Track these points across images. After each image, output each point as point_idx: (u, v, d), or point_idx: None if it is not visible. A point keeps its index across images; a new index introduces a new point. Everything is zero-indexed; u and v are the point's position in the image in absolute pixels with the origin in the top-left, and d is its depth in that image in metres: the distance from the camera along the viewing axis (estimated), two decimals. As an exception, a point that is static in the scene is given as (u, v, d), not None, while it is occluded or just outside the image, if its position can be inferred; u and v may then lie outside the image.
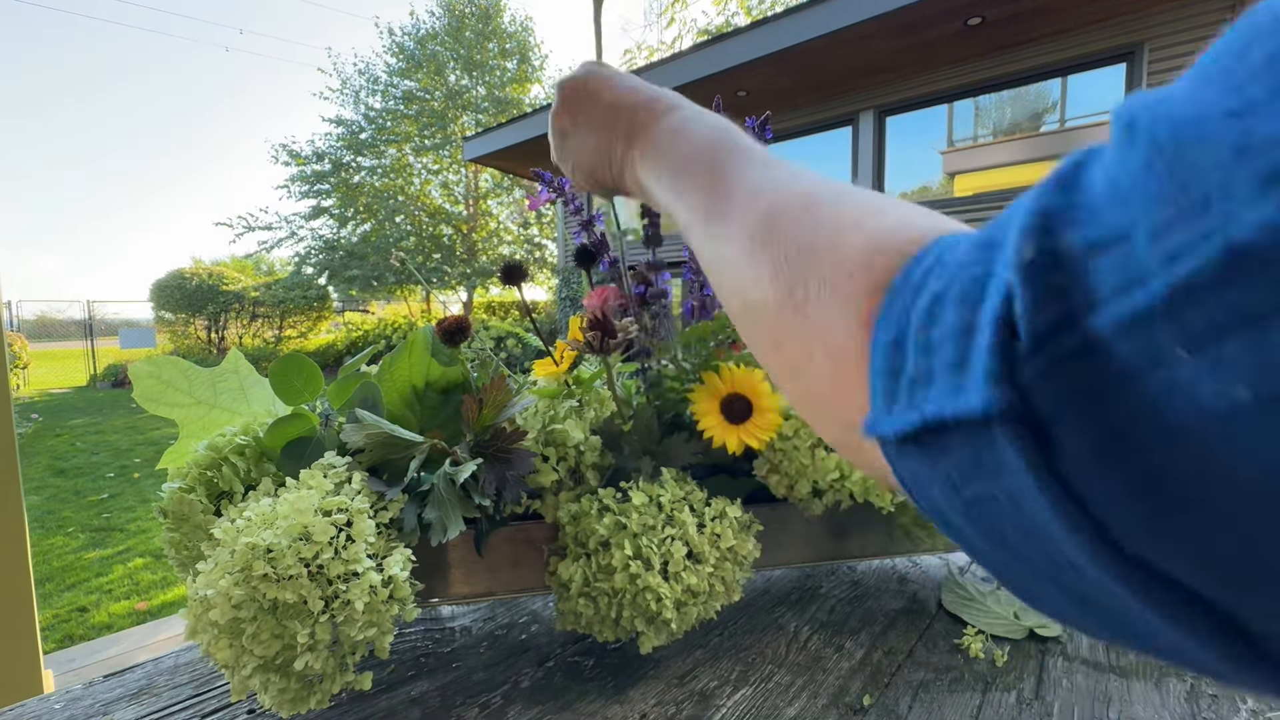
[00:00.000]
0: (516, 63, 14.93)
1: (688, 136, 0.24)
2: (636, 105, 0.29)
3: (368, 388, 0.53)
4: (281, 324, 12.10)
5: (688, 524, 0.50)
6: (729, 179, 0.21)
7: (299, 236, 13.87)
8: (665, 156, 0.25)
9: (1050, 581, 0.12)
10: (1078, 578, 0.11)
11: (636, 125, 0.28)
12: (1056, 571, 0.12)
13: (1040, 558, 0.12)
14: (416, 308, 13.99)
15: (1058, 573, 0.12)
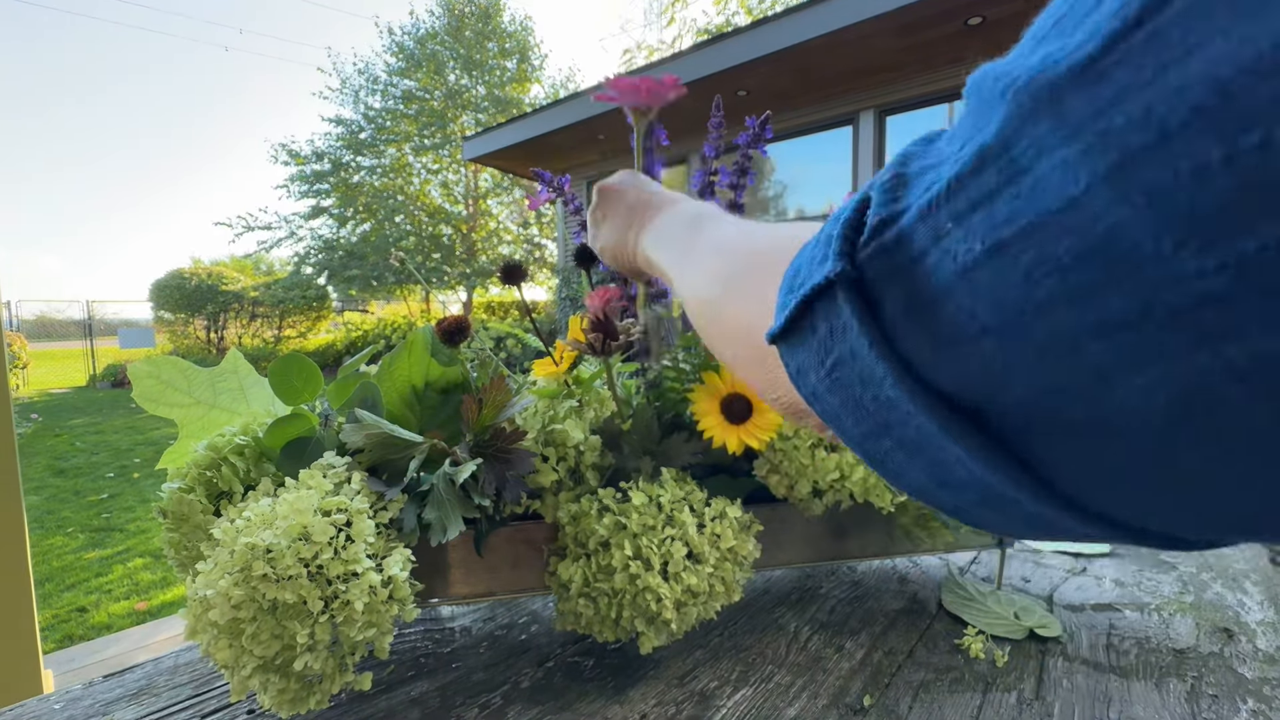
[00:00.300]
0: (516, 62, 14.92)
1: (677, 218, 0.32)
2: (648, 204, 0.36)
3: (367, 388, 0.53)
4: (281, 324, 12.10)
5: (688, 524, 0.50)
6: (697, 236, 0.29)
7: (298, 236, 13.86)
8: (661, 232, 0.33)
9: (887, 435, 0.15)
10: (902, 422, 0.14)
11: (646, 217, 0.36)
12: (889, 421, 0.15)
13: (876, 408, 0.15)
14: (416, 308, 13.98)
15: (889, 422, 0.15)
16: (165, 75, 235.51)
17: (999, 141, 0.11)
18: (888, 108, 5.33)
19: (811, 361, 0.16)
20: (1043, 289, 0.11)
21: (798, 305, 0.16)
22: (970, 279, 0.12)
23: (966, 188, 0.12)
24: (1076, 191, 0.10)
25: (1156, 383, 0.10)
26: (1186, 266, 0.09)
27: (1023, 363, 0.12)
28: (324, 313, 12.74)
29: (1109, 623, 0.64)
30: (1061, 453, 0.12)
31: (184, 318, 11.53)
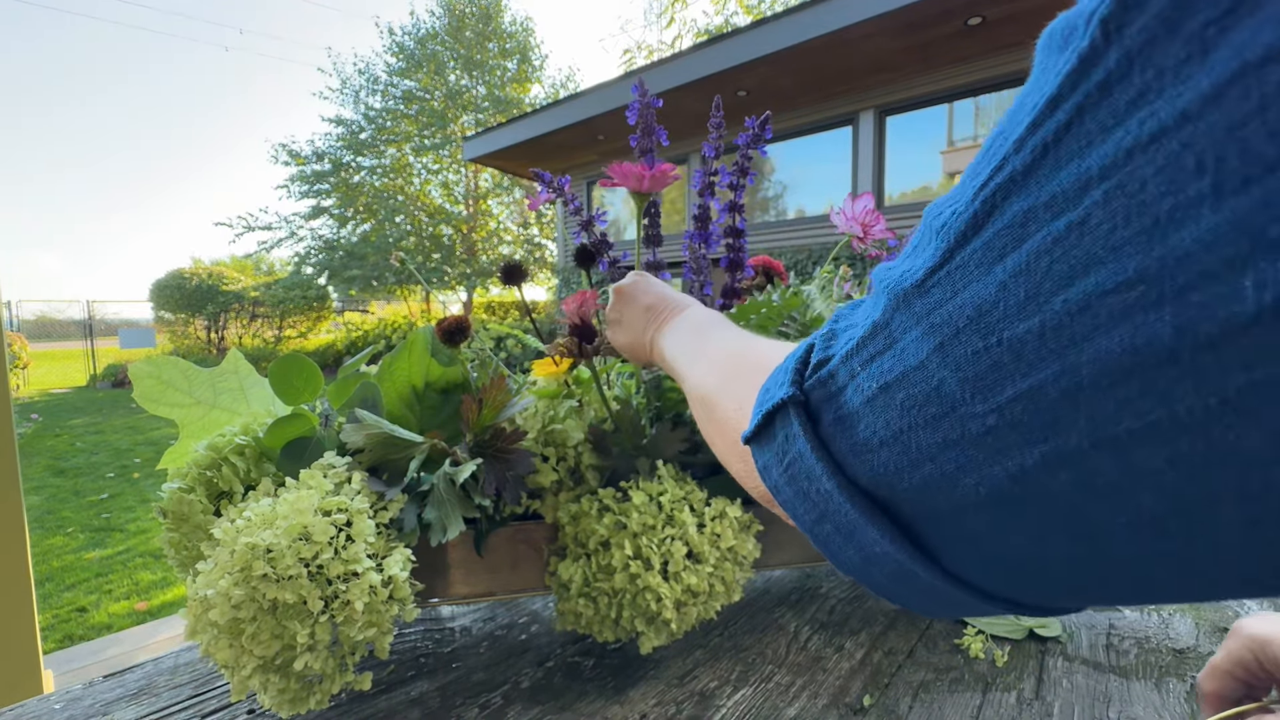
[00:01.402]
0: (517, 63, 14.93)
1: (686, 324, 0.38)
2: (662, 309, 0.41)
3: (367, 388, 0.53)
4: (281, 324, 12.10)
5: (688, 524, 0.50)
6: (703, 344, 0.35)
7: (299, 236, 13.86)
8: (673, 337, 0.38)
9: (828, 520, 0.19)
10: (837, 510, 0.18)
11: (661, 320, 0.41)
12: (827, 509, 0.19)
13: (818, 498, 0.19)
14: (416, 308, 13.98)
15: (828, 510, 0.19)
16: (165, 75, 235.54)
17: (882, 320, 0.17)
18: (888, 108, 5.33)
19: (774, 460, 0.21)
20: (908, 417, 0.16)
21: (762, 417, 0.21)
22: (871, 406, 0.17)
23: (866, 346, 0.17)
24: (923, 357, 0.15)
25: (977, 483, 0.14)
26: (977, 409, 0.14)
27: (904, 466, 0.16)
28: (324, 313, 12.74)
29: (1109, 622, 0.64)
30: (940, 534, 0.17)
31: (184, 318, 11.53)
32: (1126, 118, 0.11)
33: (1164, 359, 0.10)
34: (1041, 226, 0.12)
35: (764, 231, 6.20)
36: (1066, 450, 0.12)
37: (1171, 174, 0.10)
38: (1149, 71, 0.11)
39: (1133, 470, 0.11)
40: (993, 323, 0.13)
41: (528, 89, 15.26)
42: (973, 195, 0.14)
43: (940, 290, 0.15)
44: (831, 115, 5.63)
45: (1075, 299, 0.12)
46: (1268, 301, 0.09)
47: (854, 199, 0.71)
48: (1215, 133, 0.10)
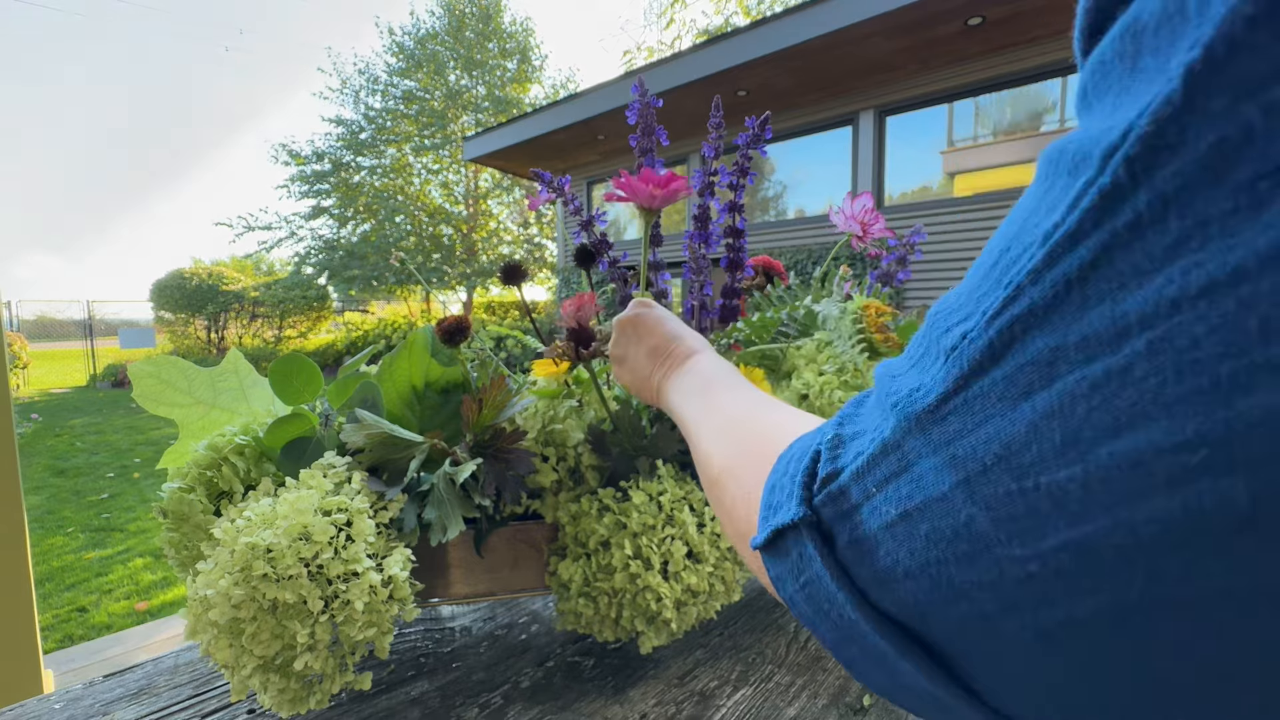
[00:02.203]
0: (517, 63, 14.92)
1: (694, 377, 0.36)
2: (668, 353, 0.40)
3: (367, 388, 0.53)
4: (281, 324, 12.10)
5: (688, 524, 0.50)
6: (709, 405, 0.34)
7: (299, 236, 13.85)
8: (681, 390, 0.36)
9: (854, 644, 0.18)
10: (863, 637, 0.17)
11: (669, 366, 0.39)
12: (852, 635, 0.17)
13: (841, 623, 0.18)
14: (416, 308, 13.98)
15: (853, 635, 0.17)
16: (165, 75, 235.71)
17: (893, 440, 0.16)
18: (888, 108, 5.33)
19: (788, 575, 0.20)
20: (936, 550, 0.14)
21: (771, 533, 0.20)
22: (891, 534, 0.16)
23: (878, 466, 0.16)
24: (945, 489, 0.14)
25: (1021, 628, 0.13)
26: (1016, 553, 0.13)
27: (936, 602, 0.15)
28: (324, 313, 12.74)
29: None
30: (983, 672, 0.15)
31: (184, 318, 11.53)
32: (1166, 264, 0.10)
33: (1240, 527, 0.10)
34: (1074, 369, 0.12)
35: (764, 231, 6.20)
36: (1125, 606, 0.11)
37: (1229, 335, 0.09)
38: (1190, 219, 0.10)
39: (1206, 631, 0.11)
40: (1026, 465, 0.12)
41: (527, 89, 15.25)
42: (986, 321, 0.13)
43: (959, 420, 0.14)
44: (831, 115, 5.63)
45: (1124, 453, 0.11)
46: None
47: (853, 198, 0.71)
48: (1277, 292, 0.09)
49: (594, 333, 0.49)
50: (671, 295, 0.69)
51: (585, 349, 0.48)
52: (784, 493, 0.20)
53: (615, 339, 0.45)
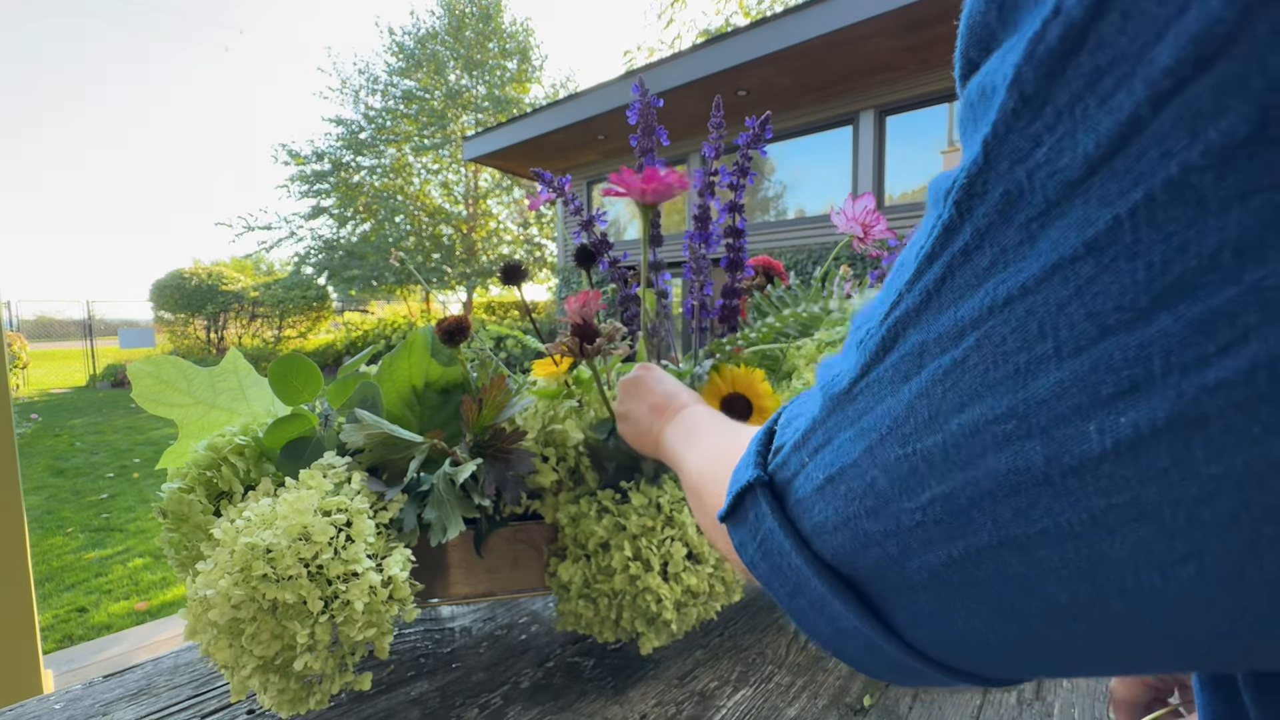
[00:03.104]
0: (517, 63, 14.92)
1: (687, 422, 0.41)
2: (665, 408, 0.44)
3: (367, 388, 0.53)
4: (281, 324, 12.09)
5: (687, 525, 0.50)
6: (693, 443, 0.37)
7: (298, 236, 13.85)
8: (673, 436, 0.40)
9: (801, 595, 0.20)
10: (807, 584, 0.19)
11: (664, 419, 0.43)
12: (799, 583, 0.20)
13: (790, 573, 0.20)
14: (416, 308, 13.97)
15: (800, 584, 0.20)
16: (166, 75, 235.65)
17: (820, 417, 0.19)
18: (888, 108, 5.33)
19: (748, 537, 0.22)
20: (853, 506, 0.17)
21: (733, 498, 0.22)
22: (820, 495, 0.18)
23: (810, 439, 0.19)
24: (856, 456, 0.17)
25: (919, 567, 0.16)
26: (906, 505, 0.16)
27: (857, 549, 0.18)
28: (324, 313, 12.74)
29: (1109, 623, 0.64)
30: (899, 611, 0.18)
31: (184, 318, 11.52)
32: (985, 280, 0.13)
33: (1040, 480, 0.13)
34: (933, 359, 0.15)
35: (764, 231, 6.20)
36: (981, 546, 0.14)
37: (1022, 334, 0.13)
38: (995, 248, 0.13)
39: (1036, 566, 0.13)
40: (907, 434, 0.15)
41: (527, 89, 15.24)
42: (880, 320, 0.16)
43: (864, 399, 0.17)
44: (831, 115, 5.63)
45: (967, 424, 0.14)
46: (1109, 445, 0.11)
47: (854, 199, 0.71)
48: (1049, 306, 0.12)
49: (598, 330, 0.49)
50: (671, 295, 0.69)
51: (589, 345, 0.48)
52: (744, 466, 0.23)
53: (619, 397, 0.49)
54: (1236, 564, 0.11)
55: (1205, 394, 0.10)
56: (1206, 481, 0.10)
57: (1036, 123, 0.12)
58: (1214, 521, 0.11)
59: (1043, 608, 0.14)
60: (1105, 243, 0.11)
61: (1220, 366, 0.10)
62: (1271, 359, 0.09)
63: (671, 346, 0.68)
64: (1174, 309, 0.10)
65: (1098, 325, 0.11)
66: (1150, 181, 0.10)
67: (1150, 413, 0.11)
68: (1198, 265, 0.10)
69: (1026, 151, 0.12)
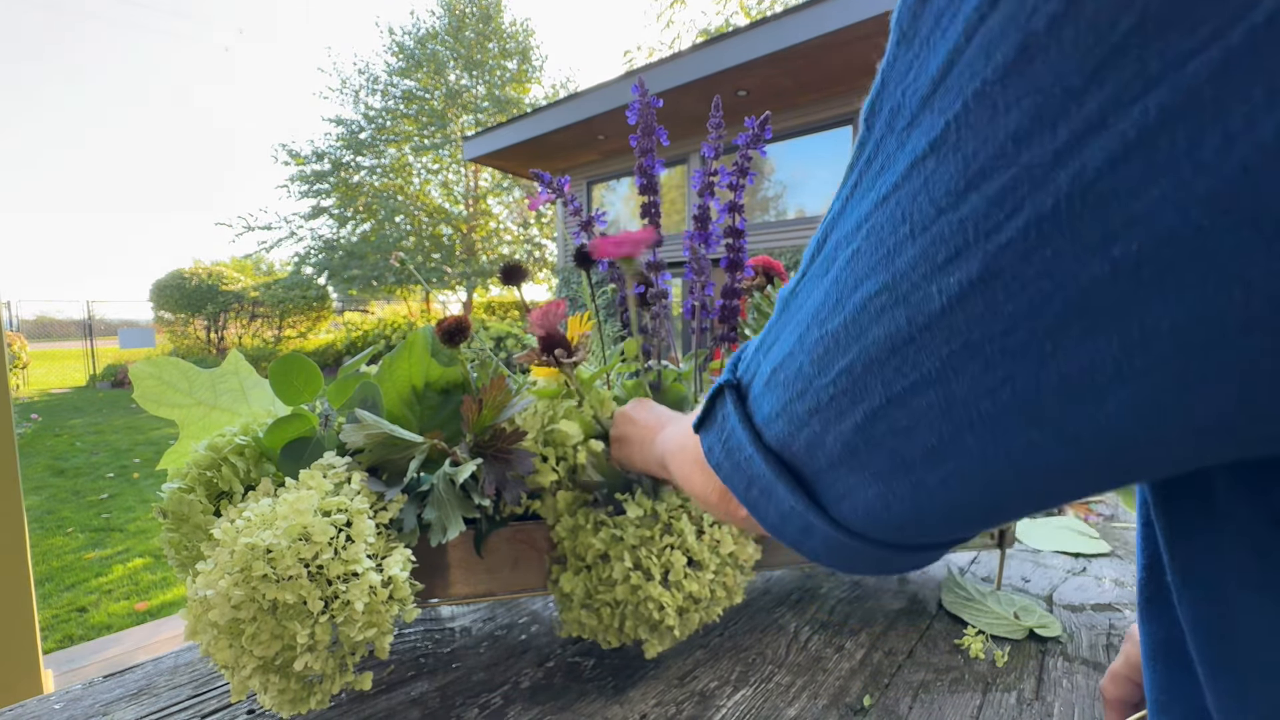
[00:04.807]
0: (517, 63, 14.92)
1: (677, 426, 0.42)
2: (659, 425, 0.46)
3: (367, 388, 0.53)
4: (281, 324, 12.09)
5: (686, 532, 0.50)
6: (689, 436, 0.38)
7: (298, 236, 13.84)
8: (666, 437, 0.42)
9: (755, 485, 0.23)
10: (759, 473, 0.22)
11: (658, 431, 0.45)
12: (752, 474, 0.23)
13: (745, 465, 0.23)
14: (416, 308, 13.97)
15: (753, 475, 0.23)
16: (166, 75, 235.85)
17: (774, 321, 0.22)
18: (888, 108, 5.33)
19: (716, 440, 0.25)
20: (788, 392, 0.20)
21: (705, 405, 0.26)
22: (767, 386, 0.22)
23: (765, 340, 0.22)
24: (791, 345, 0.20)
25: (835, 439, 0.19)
26: (822, 382, 0.19)
27: (792, 432, 0.20)
28: (324, 313, 12.73)
29: (1109, 623, 0.64)
30: (826, 489, 0.21)
31: (184, 318, 11.51)
32: (876, 182, 0.16)
33: (906, 340, 0.15)
34: (842, 251, 0.18)
35: (764, 231, 6.20)
36: (875, 407, 0.17)
37: (892, 221, 0.15)
38: (884, 155, 0.16)
39: (913, 414, 0.16)
40: (823, 318, 0.18)
41: (527, 89, 15.24)
42: (820, 229, 0.20)
43: (801, 295, 0.20)
44: (831, 115, 5.63)
45: (859, 301, 0.17)
46: (945, 301, 0.14)
47: (854, 199, 0.71)
48: (908, 197, 0.15)
49: (565, 339, 0.49)
50: (671, 295, 0.69)
51: (552, 354, 0.49)
52: (718, 381, 0.26)
53: (617, 422, 0.53)
54: (1033, 378, 0.13)
55: (1000, 250, 0.13)
56: (1007, 317, 0.13)
57: (909, 52, 0.16)
58: (1015, 347, 0.13)
59: (921, 453, 0.17)
60: (940, 142, 0.14)
61: (1008, 228, 0.13)
62: (1039, 218, 0.12)
63: (671, 347, 0.68)
64: (980, 189, 0.13)
65: (935, 208, 0.14)
66: (965, 93, 0.13)
67: (968, 271, 0.14)
68: (993, 153, 0.13)
69: (903, 74, 0.16)
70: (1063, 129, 0.12)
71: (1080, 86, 0.11)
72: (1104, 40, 0.11)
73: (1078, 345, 0.13)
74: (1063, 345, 0.13)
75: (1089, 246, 0.12)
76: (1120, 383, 0.12)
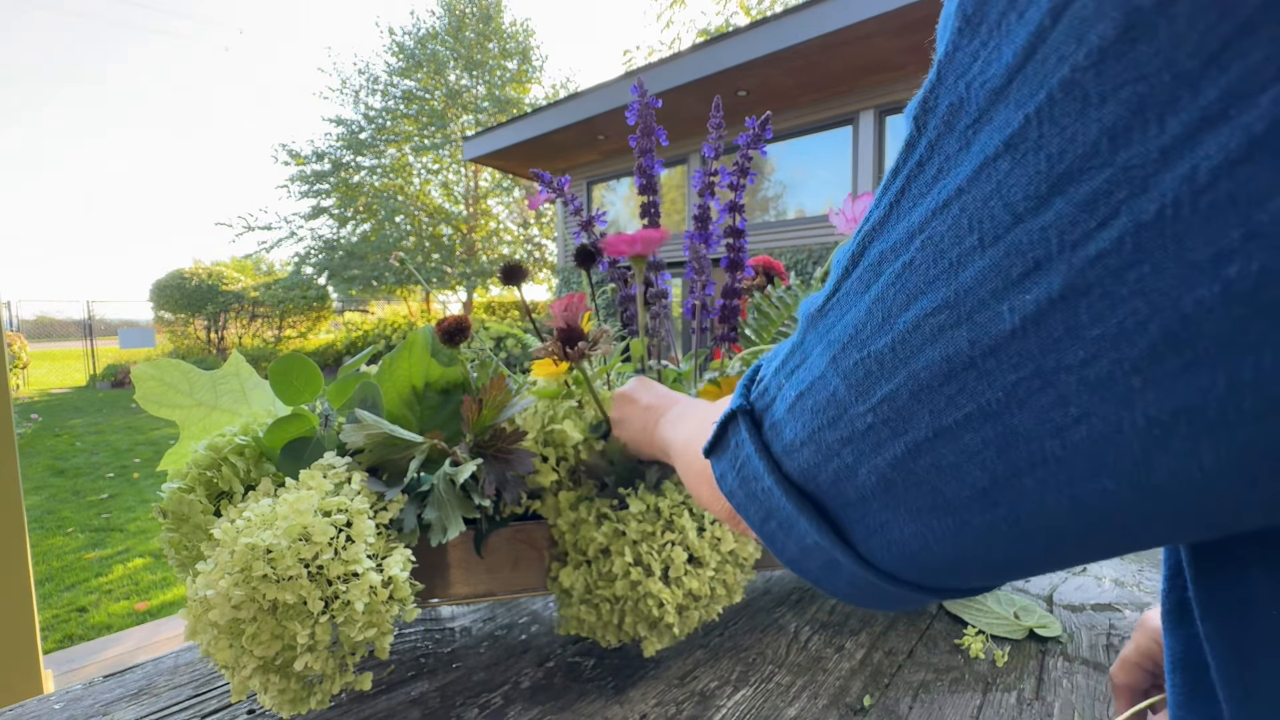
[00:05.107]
0: (517, 63, 14.92)
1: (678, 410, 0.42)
2: (659, 408, 0.45)
3: (367, 388, 0.53)
4: (281, 324, 12.09)
5: (687, 529, 0.50)
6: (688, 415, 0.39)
7: (299, 236, 13.84)
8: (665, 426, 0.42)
9: (772, 518, 0.21)
10: (777, 506, 0.21)
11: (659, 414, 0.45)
12: (770, 506, 0.21)
13: (763, 496, 0.21)
14: (416, 308, 13.97)
15: (771, 507, 0.21)
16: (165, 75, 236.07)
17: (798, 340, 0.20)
18: (888, 108, 5.33)
19: (729, 467, 0.23)
20: (817, 419, 0.19)
21: (717, 429, 0.24)
22: (792, 412, 0.20)
23: (788, 362, 0.21)
24: (822, 368, 0.18)
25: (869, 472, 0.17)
26: (860, 409, 0.17)
27: (819, 462, 0.19)
28: (324, 313, 12.73)
29: (1109, 623, 0.64)
30: (854, 525, 0.19)
31: (184, 318, 11.52)
32: (932, 187, 0.15)
33: (966, 364, 0.14)
34: (889, 265, 0.16)
35: (764, 231, 6.20)
36: (920, 439, 0.16)
37: (955, 231, 0.14)
38: (941, 156, 0.15)
39: (963, 451, 0.15)
40: (864, 339, 0.17)
41: (527, 89, 15.24)
42: (855, 239, 0.18)
43: (833, 314, 0.18)
44: (831, 115, 5.63)
45: (910, 320, 0.15)
46: (1017, 321, 0.13)
47: (854, 199, 0.71)
48: (976, 202, 0.13)
49: (583, 333, 0.49)
50: (671, 295, 0.69)
51: (572, 349, 0.48)
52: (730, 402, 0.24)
53: (616, 404, 0.52)
54: (1115, 418, 0.12)
55: (1088, 264, 0.11)
56: (1090, 343, 0.12)
57: (975, 40, 0.14)
58: (1097, 379, 0.12)
59: (969, 494, 0.15)
60: (1018, 140, 0.13)
61: (1099, 239, 0.11)
62: (1137, 227, 0.11)
63: (671, 347, 0.68)
64: (1066, 193, 0.12)
65: (1011, 214, 0.13)
66: (1050, 82, 0.12)
67: (1048, 287, 0.12)
68: (1083, 152, 0.11)
69: (966, 65, 0.14)
70: (1172, 123, 0.10)
71: (1196, 71, 0.10)
72: (1230, 16, 0.09)
73: (1174, 382, 0.11)
74: (1155, 380, 0.11)
75: (1197, 264, 0.10)
76: (1223, 430, 0.11)
